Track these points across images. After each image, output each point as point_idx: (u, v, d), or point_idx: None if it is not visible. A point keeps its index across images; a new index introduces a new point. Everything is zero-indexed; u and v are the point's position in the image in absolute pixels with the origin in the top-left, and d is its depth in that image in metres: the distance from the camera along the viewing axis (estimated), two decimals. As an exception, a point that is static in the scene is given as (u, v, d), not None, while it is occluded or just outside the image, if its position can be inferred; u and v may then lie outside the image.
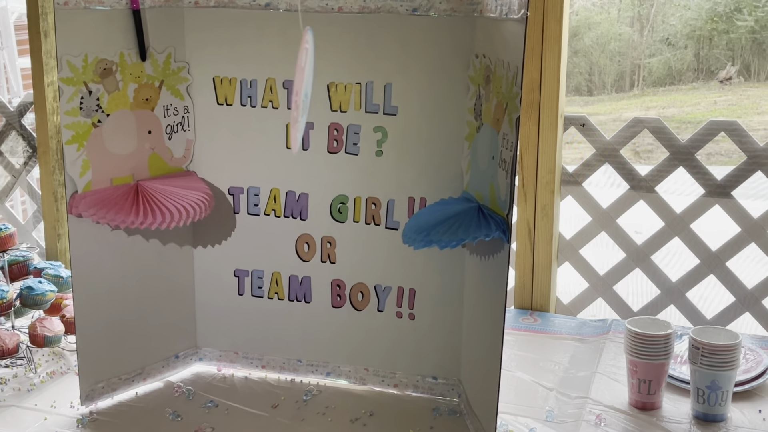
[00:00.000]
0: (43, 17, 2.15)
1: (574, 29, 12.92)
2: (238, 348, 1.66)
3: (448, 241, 1.36)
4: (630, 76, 13.15)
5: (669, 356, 1.49)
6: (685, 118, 10.33)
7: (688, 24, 12.91)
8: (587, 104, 12.03)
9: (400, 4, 1.45)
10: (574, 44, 13.01)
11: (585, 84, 13.01)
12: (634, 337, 1.49)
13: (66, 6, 1.39)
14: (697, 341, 1.45)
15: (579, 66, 12.99)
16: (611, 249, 1.98)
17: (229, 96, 1.56)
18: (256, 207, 1.59)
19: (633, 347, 1.49)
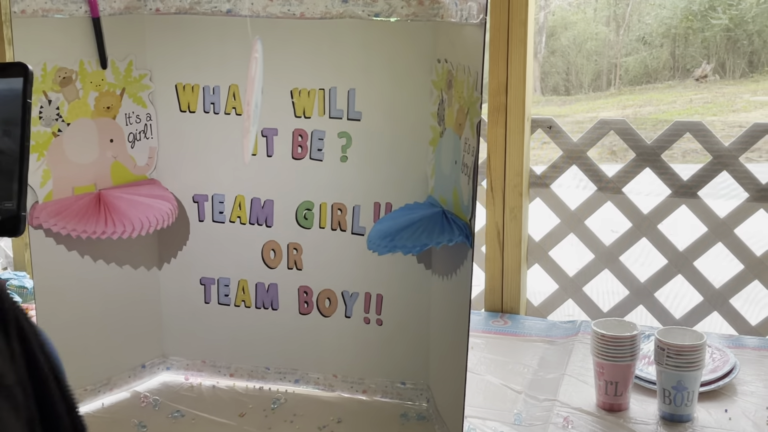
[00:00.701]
0: (6, 25, 2.13)
1: (550, 29, 12.99)
2: (206, 356, 1.65)
3: (412, 247, 1.36)
4: (607, 75, 13.23)
5: (635, 357, 1.50)
6: (661, 117, 10.40)
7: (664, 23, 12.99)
8: (565, 104, 12.09)
9: (362, 9, 1.45)
10: (551, 44, 13.07)
11: (562, 84, 13.07)
12: (600, 338, 1.49)
13: (23, 15, 1.37)
14: (662, 342, 1.45)
15: (556, 66, 13.06)
16: (581, 250, 1.98)
17: (192, 103, 1.55)
18: (221, 214, 1.58)
19: (599, 349, 1.49)
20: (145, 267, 1.60)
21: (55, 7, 1.41)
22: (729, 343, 1.76)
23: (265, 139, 1.53)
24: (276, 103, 1.51)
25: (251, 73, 1.04)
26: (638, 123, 10.22)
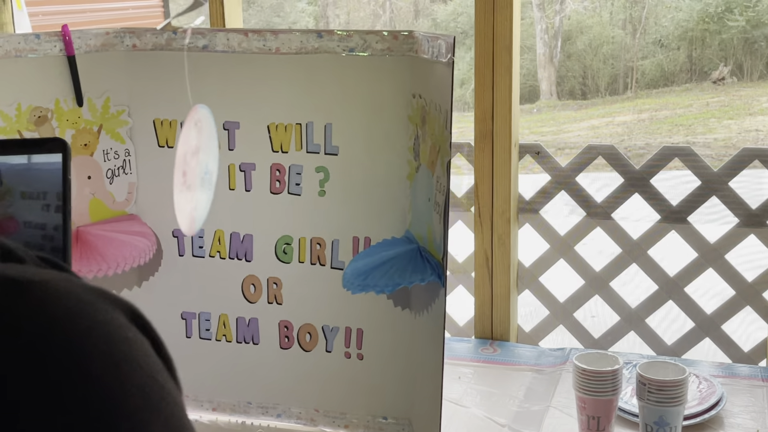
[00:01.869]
0: None
1: (566, 33, 12.95)
2: (188, 390, 1.64)
3: (384, 286, 1.35)
4: (623, 79, 13.17)
5: (617, 392, 1.48)
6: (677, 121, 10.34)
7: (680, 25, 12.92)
8: (581, 108, 12.05)
9: (337, 44, 1.44)
10: (567, 48, 13.04)
11: (579, 88, 13.03)
12: (581, 373, 1.47)
13: (-4, 56, 1.38)
14: (643, 377, 1.43)
15: (572, 70, 13.02)
16: (572, 276, 1.97)
17: (170, 138, 1.55)
18: (201, 249, 1.58)
19: (580, 383, 1.48)
20: (126, 302, 1.59)
21: (29, 47, 1.41)
22: (720, 371, 1.74)
23: (243, 174, 1.52)
24: (253, 138, 1.51)
25: (191, 143, 1.02)
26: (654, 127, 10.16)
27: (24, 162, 0.97)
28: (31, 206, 0.96)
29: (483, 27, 1.79)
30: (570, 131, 10.51)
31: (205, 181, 1.07)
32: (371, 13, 12.85)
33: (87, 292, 0.55)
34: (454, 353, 1.89)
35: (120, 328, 0.53)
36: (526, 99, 12.41)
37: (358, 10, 12.91)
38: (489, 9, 1.78)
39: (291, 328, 1.56)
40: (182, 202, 1.00)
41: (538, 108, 12.03)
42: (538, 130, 10.63)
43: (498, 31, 1.78)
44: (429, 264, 1.31)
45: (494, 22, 1.78)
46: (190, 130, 0.99)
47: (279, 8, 12.66)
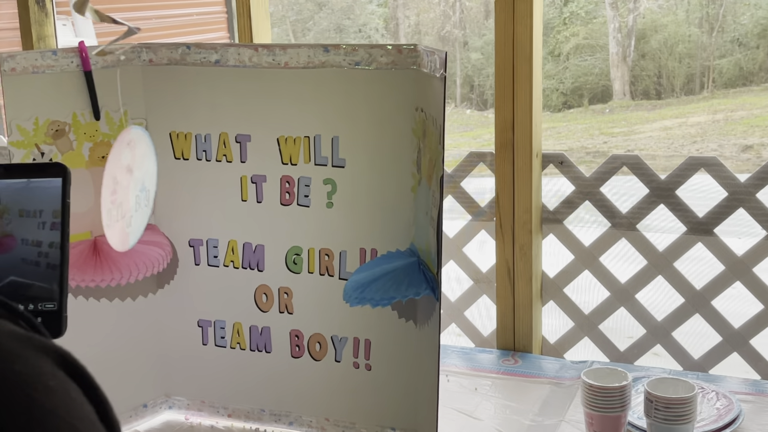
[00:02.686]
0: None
1: (640, 32, 12.73)
2: (205, 397, 1.68)
3: (380, 300, 1.36)
4: (700, 78, 12.88)
5: (625, 408, 1.46)
6: (753, 122, 10.06)
7: (760, 23, 12.57)
8: (654, 108, 11.82)
9: (343, 58, 1.46)
10: (641, 47, 12.80)
11: (653, 87, 12.79)
12: (589, 389, 1.46)
13: (14, 72, 1.43)
14: (651, 394, 1.41)
15: (647, 69, 12.78)
16: (597, 287, 1.94)
17: (185, 150, 1.58)
18: (215, 258, 1.61)
19: (588, 399, 1.46)
20: (145, 309, 1.64)
21: (47, 63, 1.46)
22: (746, 388, 1.69)
23: (255, 186, 1.55)
24: (264, 151, 1.53)
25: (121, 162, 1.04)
26: (728, 128, 9.90)
27: (23, 182, 1.01)
28: (28, 224, 1.00)
29: (503, 37, 1.78)
30: (641, 132, 10.32)
31: (141, 199, 1.09)
32: (441, 13, 12.83)
33: (11, 339, 0.57)
34: (475, 364, 1.89)
35: (40, 377, 0.55)
36: (598, 99, 12.24)
37: (428, 11, 12.90)
38: (509, 19, 1.77)
39: (301, 337, 1.58)
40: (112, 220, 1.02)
41: (610, 108, 11.85)
42: (608, 131, 10.48)
43: (518, 40, 1.77)
44: (425, 278, 1.31)
45: (514, 32, 1.77)
46: (122, 149, 1.01)
47: (349, 11, 12.74)
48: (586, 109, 11.95)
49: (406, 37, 12.72)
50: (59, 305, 0.96)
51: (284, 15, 12.85)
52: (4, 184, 1.01)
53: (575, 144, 10.13)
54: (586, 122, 11.22)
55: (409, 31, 13.01)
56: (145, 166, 1.17)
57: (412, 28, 13.03)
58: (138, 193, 1.16)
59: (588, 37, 12.62)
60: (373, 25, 12.74)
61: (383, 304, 1.41)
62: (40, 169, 1.02)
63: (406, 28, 12.95)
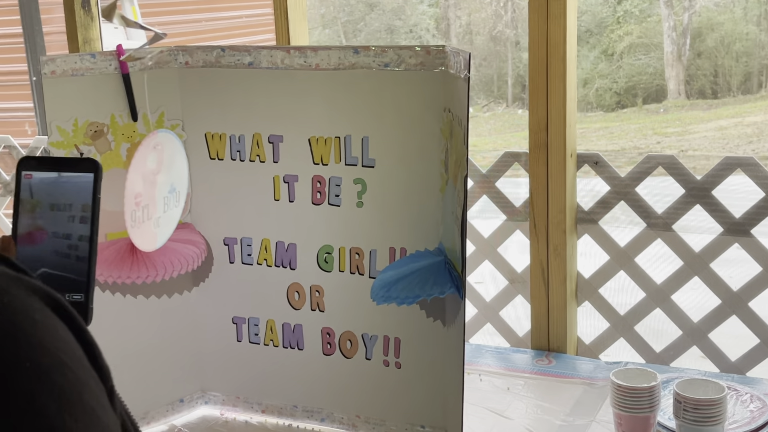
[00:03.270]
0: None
1: (696, 30, 12.53)
2: (240, 392, 1.71)
3: (405, 298, 1.37)
4: (757, 77, 12.63)
5: (654, 409, 1.45)
6: (811, 122, 9.84)
7: (820, 21, 12.28)
8: (710, 108, 11.63)
9: (373, 59, 1.48)
10: (697, 46, 12.60)
11: (709, 87, 12.58)
12: (617, 389, 1.45)
13: (54, 75, 1.47)
14: (680, 395, 1.40)
15: (702, 68, 12.58)
16: (633, 288, 1.93)
17: (220, 151, 1.61)
18: (249, 257, 1.64)
19: (616, 399, 1.46)
20: (181, 305, 1.67)
21: (85, 66, 1.50)
22: (784, 390, 1.67)
23: (287, 185, 1.58)
24: (296, 151, 1.56)
25: (147, 164, 1.07)
26: (785, 129, 9.70)
27: (54, 176, 1.04)
28: (58, 217, 1.03)
29: (536, 36, 1.78)
30: (696, 132, 10.17)
31: (170, 200, 1.12)
32: (493, 13, 12.78)
33: (3, 278, 0.61)
34: (509, 364, 1.89)
35: (27, 310, 0.58)
36: (652, 98, 12.08)
37: (479, 10, 12.86)
38: (542, 18, 1.77)
39: (333, 334, 1.61)
40: (136, 221, 1.05)
41: (664, 108, 11.69)
42: (661, 131, 10.34)
43: (552, 40, 1.77)
44: (450, 276, 1.32)
45: (548, 31, 1.77)
46: (148, 153, 1.04)
47: (400, 11, 12.76)
48: (639, 109, 11.80)
49: (457, 37, 12.70)
50: (86, 296, 1.00)
51: (336, 16, 12.92)
52: (37, 177, 1.04)
53: (628, 144, 10.02)
54: (639, 122, 11.08)
55: (460, 31, 12.98)
56: (175, 167, 1.20)
57: (463, 28, 13.00)
58: (167, 195, 1.20)
59: (642, 36, 12.46)
60: (424, 26, 12.74)
61: (408, 303, 1.42)
62: (72, 163, 1.05)
63: (458, 28, 12.92)
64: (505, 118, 11.46)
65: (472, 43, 12.88)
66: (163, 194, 1.22)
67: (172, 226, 1.24)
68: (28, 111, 4.83)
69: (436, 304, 1.48)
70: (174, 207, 1.23)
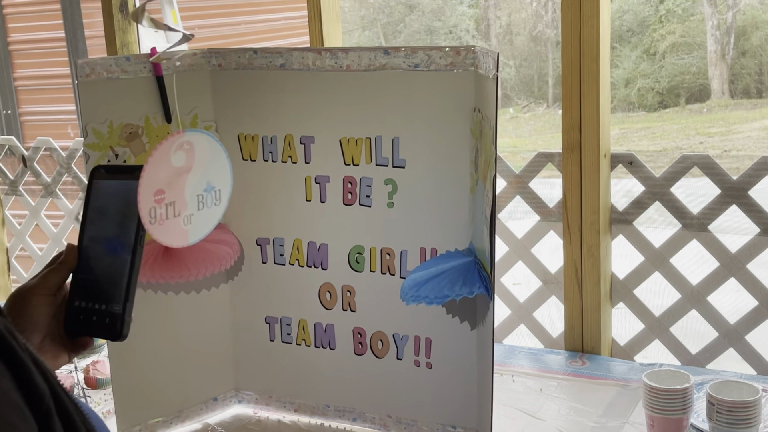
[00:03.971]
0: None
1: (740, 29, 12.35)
2: (273, 392, 1.72)
3: (434, 298, 1.37)
4: (804, 76, 12.41)
5: (687, 411, 1.44)
6: None
7: None
8: (755, 107, 11.46)
9: (403, 60, 1.48)
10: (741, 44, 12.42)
11: (754, 86, 12.39)
12: (650, 391, 1.44)
13: (89, 78, 1.50)
14: (713, 397, 1.39)
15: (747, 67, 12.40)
16: (668, 289, 1.91)
17: (252, 152, 1.63)
18: (281, 257, 1.65)
19: (649, 401, 1.45)
20: (215, 305, 1.69)
21: (120, 69, 1.53)
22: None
23: (319, 186, 1.59)
24: (327, 152, 1.57)
25: (171, 163, 1.08)
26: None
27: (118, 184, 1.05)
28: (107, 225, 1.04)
29: (569, 36, 1.77)
30: (740, 132, 10.02)
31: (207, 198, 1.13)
32: (533, 13, 12.72)
33: None
34: (542, 365, 1.88)
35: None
36: (695, 98, 11.93)
37: (519, 11, 12.81)
38: (575, 18, 1.76)
39: (364, 334, 1.61)
40: (157, 218, 1.06)
41: (708, 107, 11.54)
42: (704, 131, 10.20)
43: (585, 40, 1.76)
44: (480, 277, 1.32)
45: (581, 31, 1.76)
46: (171, 152, 1.05)
47: (440, 12, 12.75)
48: (682, 109, 11.66)
49: (497, 37, 12.66)
50: (123, 308, 1.00)
51: (375, 18, 12.95)
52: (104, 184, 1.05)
53: (670, 144, 9.90)
54: (682, 122, 10.95)
55: (500, 31, 12.94)
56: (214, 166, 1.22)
57: (503, 29, 12.96)
58: (202, 193, 1.21)
59: (685, 35, 12.31)
60: (463, 27, 12.71)
61: (438, 302, 1.42)
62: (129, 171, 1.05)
63: (497, 29, 12.88)
64: (546, 118, 11.39)
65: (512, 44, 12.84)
66: (196, 192, 1.24)
67: (210, 224, 1.26)
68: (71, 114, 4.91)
69: (466, 304, 1.48)
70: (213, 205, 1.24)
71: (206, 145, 1.23)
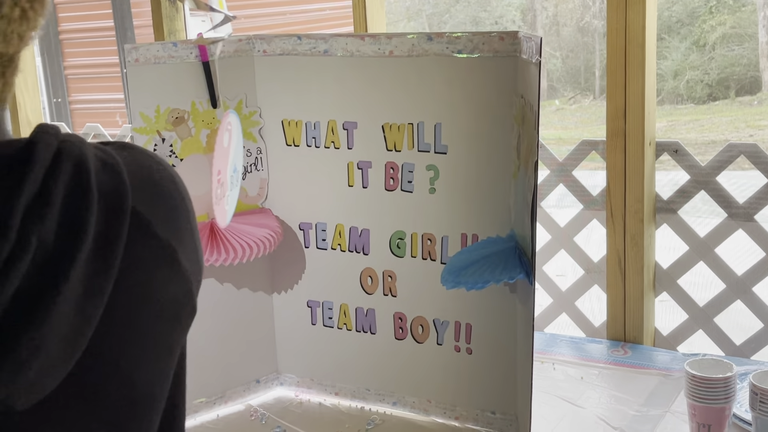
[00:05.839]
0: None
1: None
2: (314, 375, 1.74)
3: (474, 283, 1.38)
4: None
5: (730, 400, 1.42)
6: None
7: None
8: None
9: (446, 46, 1.48)
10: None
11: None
12: (692, 379, 1.43)
13: (137, 63, 1.53)
14: (756, 387, 1.37)
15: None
16: (713, 279, 1.89)
17: (296, 138, 1.65)
18: (324, 242, 1.67)
19: (691, 390, 1.44)
20: (258, 288, 1.71)
21: (167, 54, 1.55)
22: None
23: (361, 171, 1.60)
24: (370, 138, 1.58)
25: (222, 144, 1.10)
26: None
27: None
28: None
29: (615, 23, 1.76)
30: (790, 125, 9.84)
31: (234, 179, 1.14)
32: (580, 3, 12.59)
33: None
34: (584, 354, 1.88)
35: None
36: (746, 90, 11.73)
37: (566, 1, 12.69)
38: (621, 4, 1.75)
39: (405, 319, 1.62)
40: (218, 198, 1.08)
41: (758, 100, 11.33)
42: (755, 124, 10.03)
43: (630, 26, 1.75)
44: (520, 262, 1.32)
45: (626, 18, 1.75)
46: (224, 133, 1.07)
47: (486, 2, 12.68)
48: (732, 101, 11.47)
49: (543, 28, 12.55)
50: None
51: (420, 9, 12.92)
52: None
53: (719, 137, 9.75)
54: (732, 114, 10.77)
55: (546, 22, 12.83)
56: (238, 148, 1.23)
57: (549, 20, 12.85)
58: (232, 174, 1.23)
59: (736, 26, 12.10)
60: (509, 17, 12.63)
61: (478, 288, 1.43)
62: None
63: (544, 20, 12.77)
64: (592, 110, 11.28)
65: (559, 35, 12.72)
66: (230, 173, 1.26)
67: (234, 205, 1.28)
68: (119, 102, 4.99)
69: (507, 290, 1.49)
70: (236, 186, 1.26)
71: (236, 127, 1.24)
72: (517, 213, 1.43)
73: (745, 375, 1.61)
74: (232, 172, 1.20)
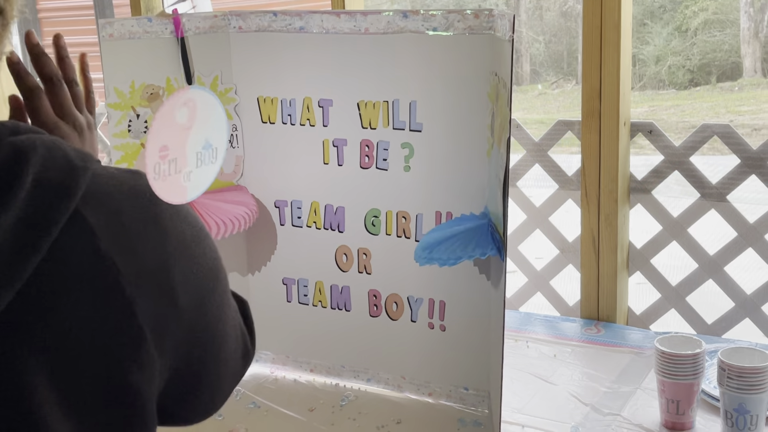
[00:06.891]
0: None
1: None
2: (289, 352, 1.75)
3: (446, 260, 1.39)
4: None
5: (698, 376, 1.44)
6: None
7: None
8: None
9: (421, 24, 1.48)
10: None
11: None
12: (661, 356, 1.45)
13: (111, 38, 1.52)
14: (724, 363, 1.39)
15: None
16: (685, 259, 1.91)
17: (271, 115, 1.65)
18: (299, 219, 1.67)
19: (660, 366, 1.46)
20: (233, 266, 1.72)
21: (142, 30, 1.54)
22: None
23: (336, 149, 1.60)
24: (345, 115, 1.58)
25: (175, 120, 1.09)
26: None
27: None
28: None
29: (591, 4, 1.77)
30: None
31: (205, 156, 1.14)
32: (564, -11, 12.58)
33: None
34: (557, 332, 1.90)
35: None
36: (727, 76, 11.78)
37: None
38: (597, -15, 1.75)
39: (379, 297, 1.63)
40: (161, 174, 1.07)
41: (739, 86, 11.39)
42: (735, 110, 10.08)
43: (606, 6, 1.75)
44: (493, 239, 1.33)
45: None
46: (175, 108, 1.06)
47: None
48: (713, 87, 11.53)
49: (527, 12, 12.56)
50: None
51: (404, -9, 12.88)
52: None
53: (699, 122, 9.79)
54: (713, 100, 10.82)
55: (530, 6, 12.84)
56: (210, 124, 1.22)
57: (533, 4, 12.85)
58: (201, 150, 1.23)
59: (718, 12, 12.15)
60: (493, 1, 12.61)
61: (450, 264, 1.44)
62: None
63: (527, 3, 12.77)
64: (575, 95, 11.30)
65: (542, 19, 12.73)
66: (195, 149, 1.25)
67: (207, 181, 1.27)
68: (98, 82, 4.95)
69: (479, 267, 1.50)
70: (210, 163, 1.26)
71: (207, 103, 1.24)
72: (491, 190, 1.44)
73: (715, 353, 1.62)
74: (201, 149, 1.19)
